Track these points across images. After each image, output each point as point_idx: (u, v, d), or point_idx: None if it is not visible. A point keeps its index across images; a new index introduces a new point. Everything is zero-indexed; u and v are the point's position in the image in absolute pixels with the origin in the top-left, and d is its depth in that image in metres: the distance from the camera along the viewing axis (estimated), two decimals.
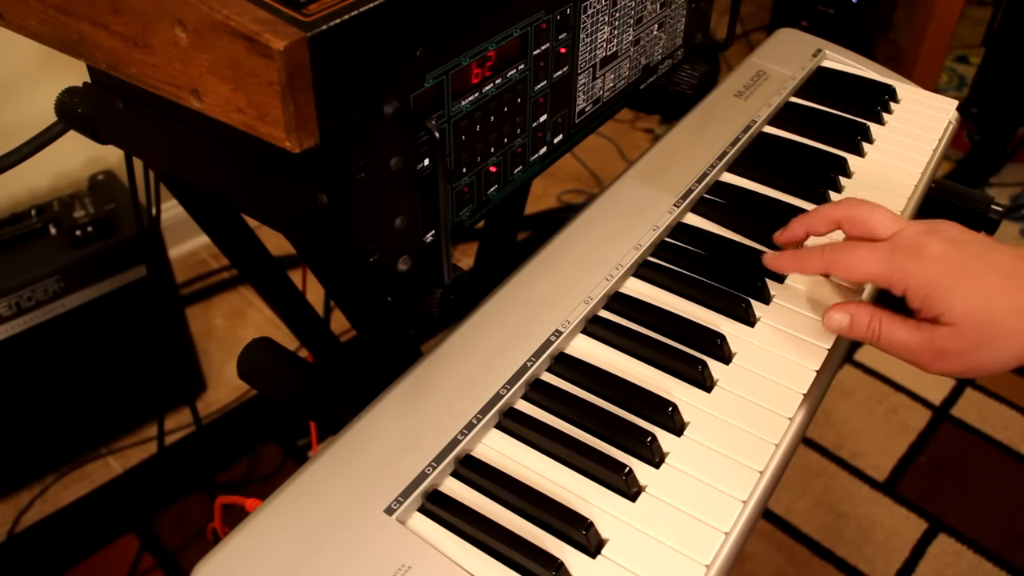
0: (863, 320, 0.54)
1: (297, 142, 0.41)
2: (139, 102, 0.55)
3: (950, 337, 0.51)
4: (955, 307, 0.50)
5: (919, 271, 0.52)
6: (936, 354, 0.52)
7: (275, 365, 0.59)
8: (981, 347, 0.50)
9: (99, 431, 1.47)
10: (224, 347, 1.68)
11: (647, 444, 0.49)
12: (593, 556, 0.45)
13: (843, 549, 1.37)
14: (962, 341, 0.51)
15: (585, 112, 0.67)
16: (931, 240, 0.53)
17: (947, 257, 0.52)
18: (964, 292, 0.50)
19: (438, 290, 0.52)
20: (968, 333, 0.51)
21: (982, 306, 0.50)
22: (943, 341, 0.51)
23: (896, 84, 0.83)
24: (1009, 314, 0.50)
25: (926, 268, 0.51)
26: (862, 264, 0.54)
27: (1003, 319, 0.50)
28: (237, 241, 0.68)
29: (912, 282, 0.52)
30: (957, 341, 0.51)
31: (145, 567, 1.33)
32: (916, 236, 0.53)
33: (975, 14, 2.49)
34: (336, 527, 0.45)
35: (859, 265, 0.54)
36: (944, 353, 0.51)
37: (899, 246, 0.53)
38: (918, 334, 0.52)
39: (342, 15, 0.41)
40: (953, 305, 0.50)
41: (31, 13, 0.49)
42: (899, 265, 0.52)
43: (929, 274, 0.51)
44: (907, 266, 0.52)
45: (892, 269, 0.53)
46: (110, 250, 1.31)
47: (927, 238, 0.53)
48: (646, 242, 0.63)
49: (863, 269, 0.54)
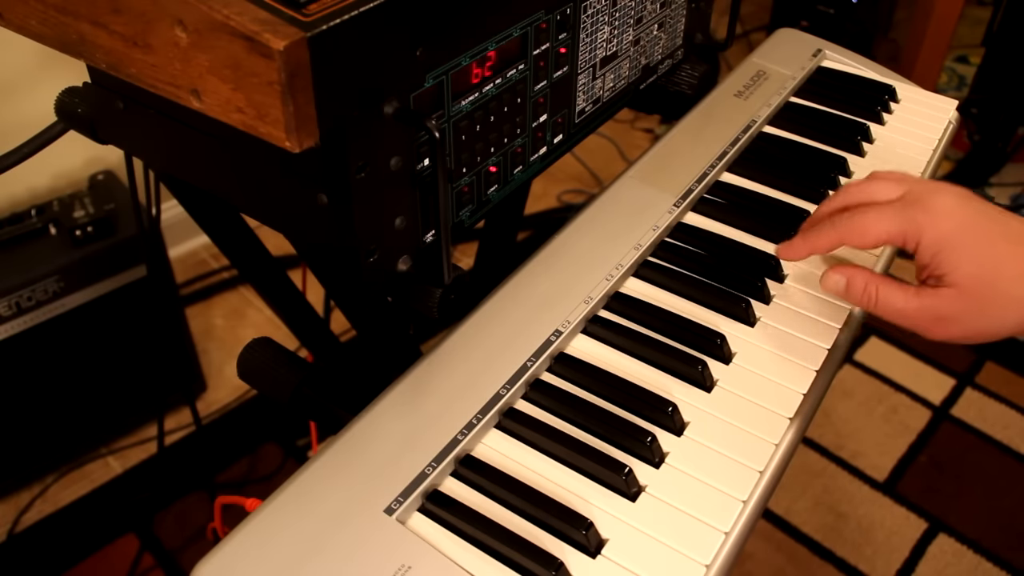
0: (859, 283, 0.54)
1: (297, 142, 0.41)
2: (139, 102, 0.55)
3: (952, 301, 0.50)
4: (961, 268, 0.50)
5: (932, 225, 0.51)
6: (935, 320, 0.51)
7: (275, 365, 0.59)
8: (983, 311, 0.50)
9: (99, 431, 1.47)
10: (224, 347, 1.68)
11: (647, 444, 0.50)
12: (593, 556, 0.45)
13: (843, 549, 1.37)
14: (964, 305, 0.50)
15: (585, 112, 0.67)
16: (941, 196, 0.52)
17: (958, 213, 0.51)
18: (972, 253, 0.50)
19: (438, 290, 0.52)
20: (971, 296, 0.50)
21: (988, 269, 0.50)
22: (944, 306, 0.51)
23: (896, 84, 0.83)
24: (1014, 279, 0.49)
25: (939, 223, 0.51)
26: (875, 225, 0.53)
27: (1008, 284, 0.49)
28: (237, 241, 0.68)
29: (925, 236, 0.51)
30: (959, 305, 0.50)
31: (145, 567, 1.33)
32: (925, 192, 0.53)
33: (975, 14, 2.49)
34: (336, 527, 0.45)
35: (873, 227, 0.53)
36: (944, 318, 0.51)
37: (909, 202, 0.53)
38: (917, 299, 0.52)
39: (342, 15, 0.41)
40: (959, 266, 0.50)
41: (31, 13, 0.49)
42: (912, 218, 0.52)
43: (942, 229, 0.51)
44: (919, 220, 0.51)
45: (906, 223, 0.52)
46: (110, 250, 1.31)
47: (937, 194, 0.52)
48: (646, 242, 0.63)
49: (877, 229, 0.53)
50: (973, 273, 0.50)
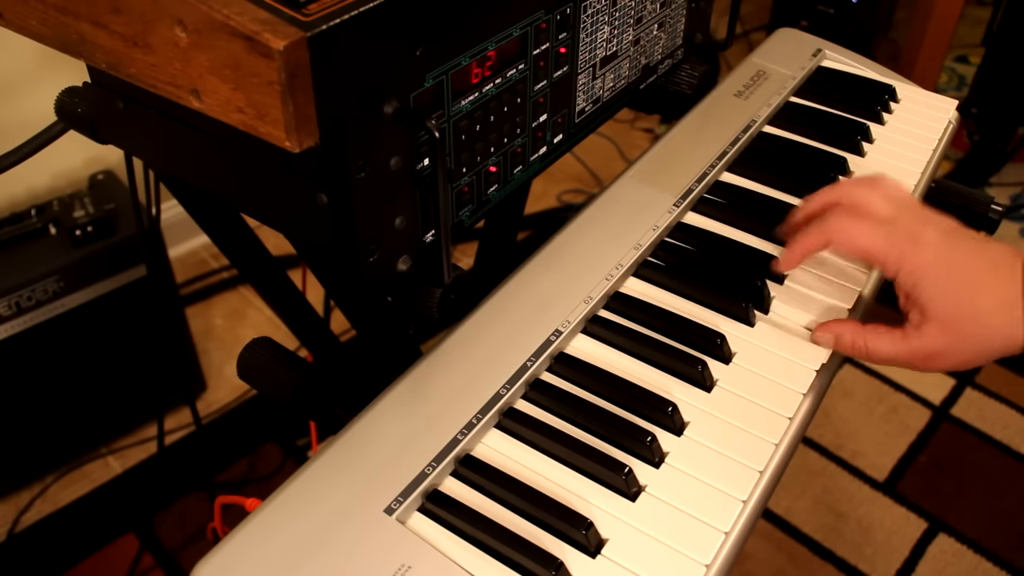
0: (847, 339, 0.56)
1: (297, 142, 0.41)
2: (139, 102, 0.55)
3: (936, 338, 0.53)
4: (938, 300, 0.52)
5: (914, 255, 0.53)
6: (925, 358, 0.54)
7: (275, 365, 0.59)
8: (966, 341, 0.52)
9: (99, 431, 1.47)
10: (224, 347, 1.68)
11: (647, 444, 0.50)
12: (593, 556, 0.45)
13: (843, 549, 1.37)
14: (948, 339, 0.52)
15: (585, 112, 0.67)
16: (928, 229, 0.54)
17: (941, 247, 0.53)
18: (949, 287, 0.52)
19: (438, 290, 0.52)
20: (953, 331, 0.52)
21: (965, 302, 0.52)
22: (930, 344, 0.53)
23: (896, 84, 0.83)
24: (993, 310, 0.51)
25: (921, 253, 0.53)
26: (863, 238, 0.55)
27: (988, 315, 0.51)
28: (237, 241, 0.68)
29: (905, 265, 0.53)
30: (944, 340, 0.52)
31: (145, 567, 1.33)
32: (914, 223, 0.55)
33: (975, 14, 2.49)
34: (336, 527, 0.45)
35: (860, 238, 0.55)
36: (932, 356, 0.53)
37: (899, 229, 0.55)
38: (905, 343, 0.54)
39: (342, 15, 0.41)
40: (936, 298, 0.52)
41: (31, 13, 0.49)
42: (897, 245, 0.54)
43: (922, 260, 0.53)
44: (904, 249, 0.54)
45: (890, 248, 0.54)
46: (110, 250, 1.31)
47: (925, 226, 0.54)
48: (646, 242, 0.63)
49: (863, 242, 0.55)
50: (950, 307, 0.52)
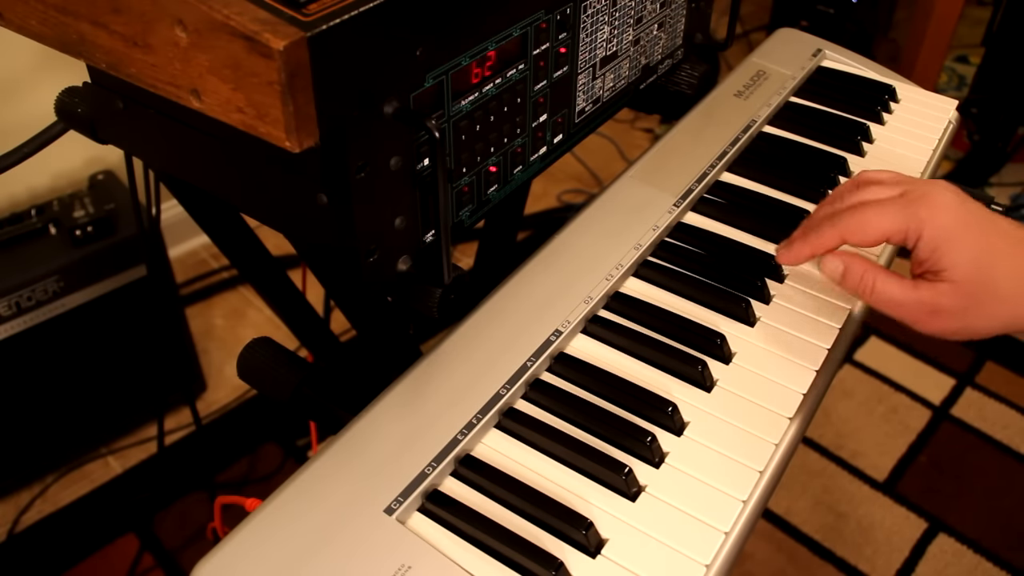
0: (857, 271, 0.54)
1: (297, 142, 0.41)
2: (139, 102, 0.55)
3: (948, 295, 0.51)
4: (960, 263, 0.51)
5: (932, 219, 0.51)
6: (930, 312, 0.52)
7: (275, 365, 0.59)
8: (977, 307, 0.51)
9: (99, 431, 1.47)
10: (224, 347, 1.68)
11: (647, 444, 0.50)
12: (593, 556, 0.45)
13: (843, 549, 1.37)
14: (960, 300, 0.51)
15: (585, 112, 0.67)
16: (941, 192, 0.53)
17: (958, 209, 0.52)
18: (971, 248, 0.51)
19: (438, 290, 0.52)
20: (967, 292, 0.51)
21: (985, 264, 0.50)
22: (940, 300, 0.51)
23: (896, 84, 0.83)
24: (1008, 276, 0.50)
25: (939, 216, 0.51)
26: (877, 221, 0.53)
27: (1002, 280, 0.50)
28: (237, 241, 0.68)
29: (926, 230, 0.51)
30: (955, 300, 0.51)
31: (145, 567, 1.33)
32: (925, 189, 0.53)
33: (975, 14, 2.49)
34: (336, 527, 0.45)
35: (874, 223, 0.53)
36: (938, 312, 0.52)
37: (911, 199, 0.53)
38: (914, 292, 0.52)
39: (342, 15, 0.41)
40: (958, 260, 0.51)
41: (31, 13, 0.49)
42: (914, 214, 0.52)
43: (942, 223, 0.51)
44: (921, 215, 0.52)
45: (908, 218, 0.52)
46: (110, 250, 1.31)
47: (937, 190, 0.53)
48: (646, 242, 0.63)
49: (878, 226, 0.53)
50: (971, 268, 0.51)
